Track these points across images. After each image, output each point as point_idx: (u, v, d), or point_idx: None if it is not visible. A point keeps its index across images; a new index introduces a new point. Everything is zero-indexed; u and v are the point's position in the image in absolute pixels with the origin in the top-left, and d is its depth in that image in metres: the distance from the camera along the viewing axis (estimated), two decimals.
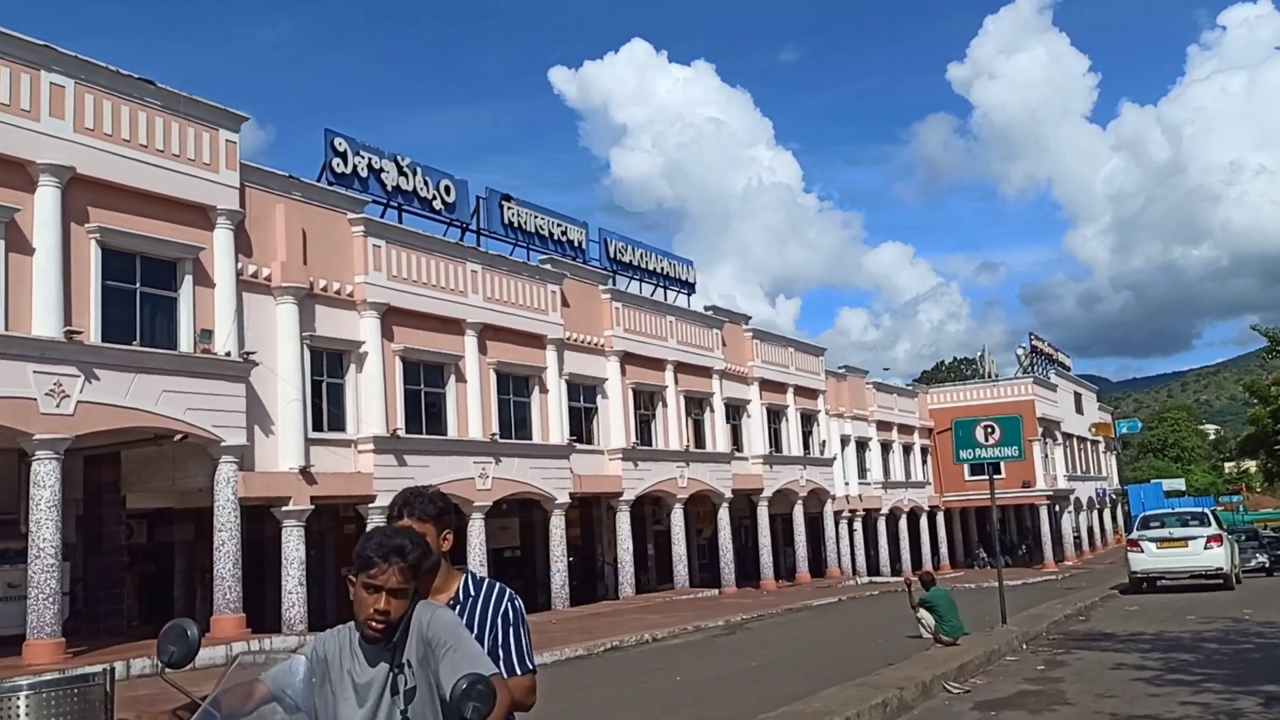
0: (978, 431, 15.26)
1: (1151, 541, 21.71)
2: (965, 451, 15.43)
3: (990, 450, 15.16)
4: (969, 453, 15.39)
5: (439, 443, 25.30)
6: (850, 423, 50.80)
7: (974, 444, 15.19)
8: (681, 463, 35.43)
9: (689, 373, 37.11)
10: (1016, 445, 15.18)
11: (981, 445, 15.19)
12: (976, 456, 15.31)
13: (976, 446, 15.24)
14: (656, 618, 23.88)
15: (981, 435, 15.18)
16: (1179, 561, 21.12)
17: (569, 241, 32.80)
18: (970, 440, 15.25)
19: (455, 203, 28.15)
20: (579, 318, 31.65)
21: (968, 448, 15.34)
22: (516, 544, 33.30)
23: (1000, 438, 15.09)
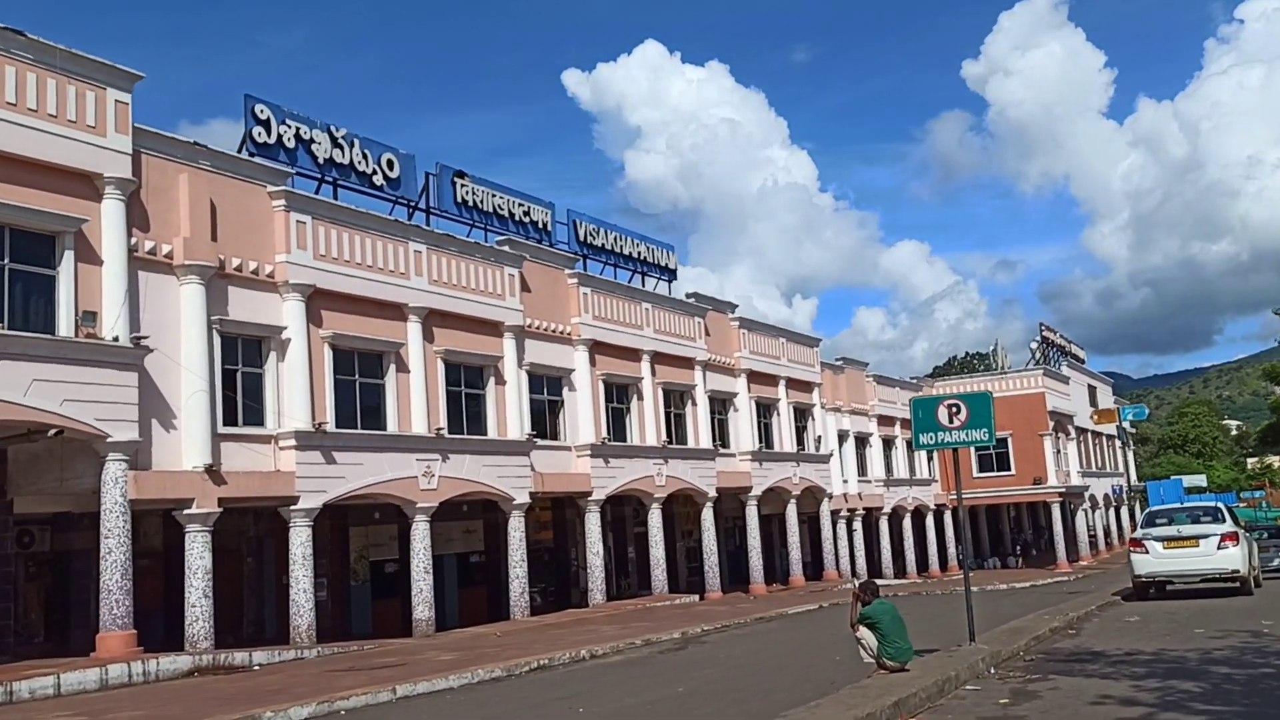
0: (940, 412, 12.93)
1: (1157, 541, 19.29)
2: (926, 435, 13.11)
3: (955, 434, 12.85)
4: (930, 437, 13.07)
5: (375, 438, 23.14)
6: (849, 417, 48.42)
7: (935, 426, 12.87)
8: (659, 460, 33.17)
9: (668, 363, 34.85)
10: (986, 427, 12.84)
11: (945, 428, 12.87)
12: (939, 442, 12.99)
13: (939, 429, 12.92)
14: (612, 629, 21.65)
15: (945, 416, 12.86)
16: (1188, 564, 18.68)
17: (533, 223, 30.57)
18: (931, 422, 12.93)
19: (400, 179, 25.96)
20: (542, 304, 29.43)
21: (928, 430, 13.02)
22: (481, 548, 31.07)
23: (967, 418, 12.76)
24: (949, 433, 12.90)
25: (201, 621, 19.02)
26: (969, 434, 12.86)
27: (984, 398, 13.09)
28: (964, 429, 12.84)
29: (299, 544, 21.10)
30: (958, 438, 12.94)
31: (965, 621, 13.79)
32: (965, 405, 12.85)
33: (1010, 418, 57.36)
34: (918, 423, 13.17)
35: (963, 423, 12.82)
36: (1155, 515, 21.54)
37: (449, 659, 17.36)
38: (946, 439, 12.95)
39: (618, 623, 23.52)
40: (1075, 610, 17.19)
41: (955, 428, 12.84)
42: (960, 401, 12.94)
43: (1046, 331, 65.13)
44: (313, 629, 21.00)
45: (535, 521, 34.09)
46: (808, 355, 44.79)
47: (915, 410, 13.30)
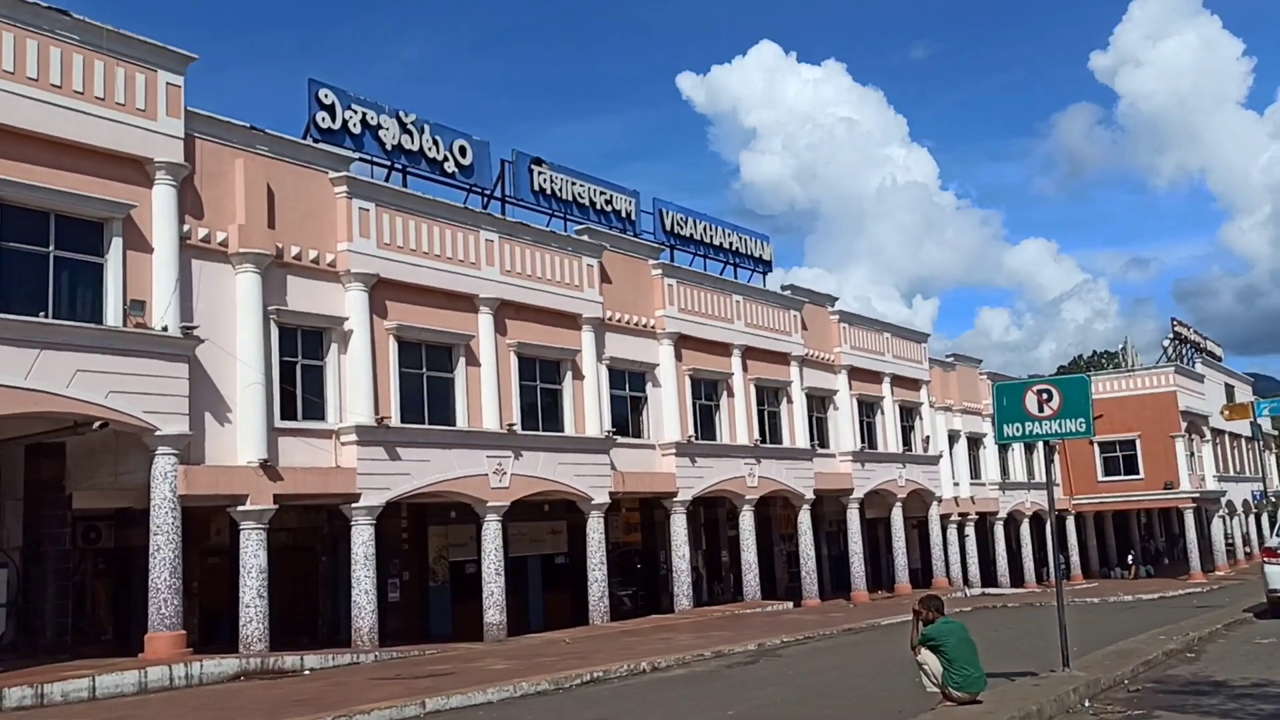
0: (1027, 399, 11.17)
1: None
2: (1010, 426, 11.35)
3: (1045, 424, 11.05)
4: (1015, 428, 11.29)
5: (442, 434, 22.24)
6: (960, 416, 45.98)
7: (1022, 416, 11.10)
8: (751, 459, 31.61)
9: (761, 359, 33.26)
10: (1083, 416, 11.00)
11: (1033, 417, 11.10)
12: (1027, 433, 11.24)
13: (1026, 419, 11.14)
14: (688, 638, 20.29)
15: (1033, 404, 11.11)
16: None
17: (615, 211, 29.40)
18: (1017, 411, 11.16)
19: (473, 165, 25.08)
20: (624, 296, 28.21)
21: (1014, 421, 11.24)
22: (565, 550, 30.00)
23: (1060, 406, 10.95)
24: (1038, 423, 11.17)
25: (256, 623, 18.34)
26: (1062, 424, 11.10)
27: (1080, 382, 11.26)
28: (1056, 418, 11.09)
29: (360, 543, 20.31)
30: (1048, 429, 11.20)
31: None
32: (1058, 391, 11.09)
33: (1139, 418, 53.97)
34: (1001, 411, 11.48)
35: (1054, 411, 11.07)
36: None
37: (502, 668, 16.27)
38: (1035, 430, 11.23)
39: (697, 631, 22.14)
40: (1198, 629, 15.09)
41: (1046, 417, 11.10)
42: (1052, 387, 11.18)
43: (1179, 327, 61.14)
44: (374, 631, 20.17)
45: (624, 523, 32.97)
46: (914, 351, 42.59)
47: (998, 397, 11.59)
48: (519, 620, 28.22)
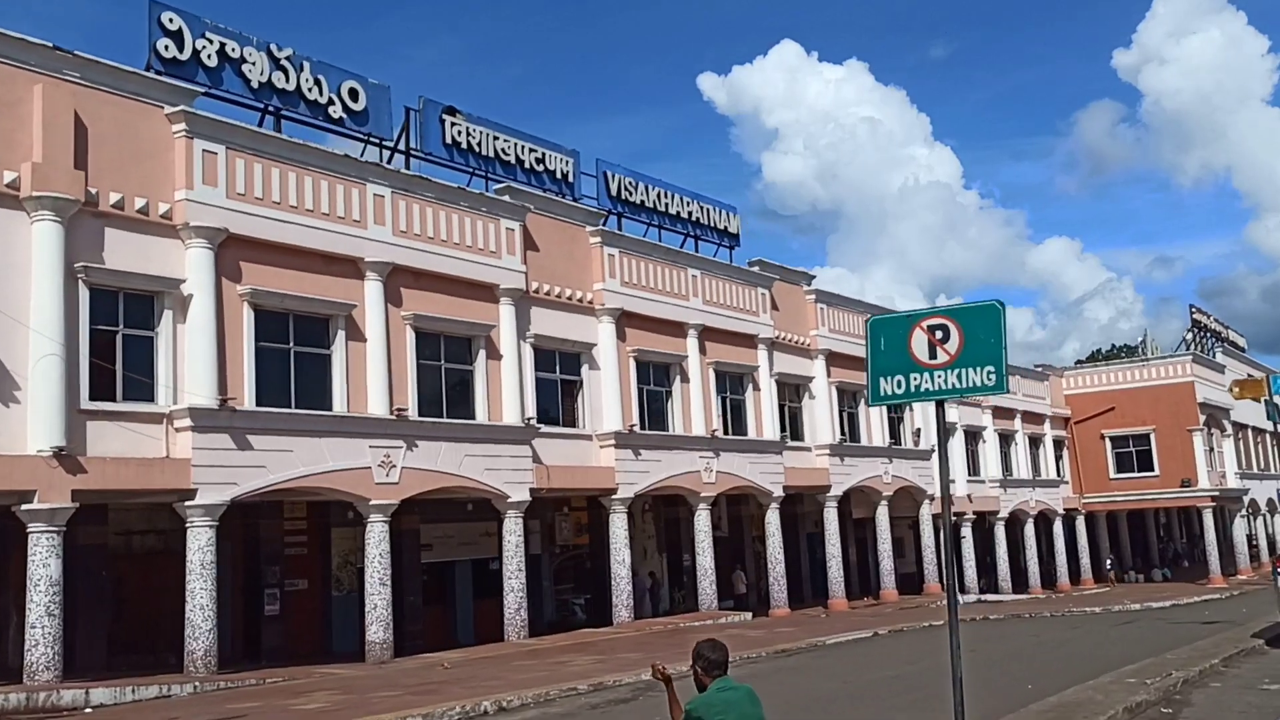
0: (914, 340, 7.56)
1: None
2: (888, 382, 7.60)
3: (940, 376, 7.53)
4: (896, 384, 7.59)
5: (309, 419, 18.86)
6: (957, 409, 42.27)
7: (906, 364, 7.48)
8: (708, 453, 28.16)
9: (722, 340, 29.77)
10: (993, 364, 7.35)
11: (923, 366, 7.51)
12: (912, 390, 7.65)
13: (912, 370, 7.50)
14: (586, 663, 16.90)
15: (922, 347, 7.50)
16: None
17: (548, 172, 25.95)
18: (899, 358, 7.48)
19: (367, 112, 21.69)
20: (555, 266, 24.81)
21: (893, 372, 7.69)
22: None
23: (960, 349, 7.51)
24: (929, 375, 7.55)
25: (43, 648, 14.99)
26: (963, 376, 7.47)
27: (989, 312, 7.50)
28: (954, 367, 7.53)
29: (197, 549, 16.96)
30: (943, 383, 7.64)
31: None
32: (956, 326, 7.46)
33: (1154, 411, 50.17)
34: (876, 359, 7.89)
35: (952, 356, 7.48)
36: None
37: (310, 709, 12.90)
38: (925, 385, 7.59)
39: (609, 652, 18.73)
40: (1187, 665, 11.44)
41: (940, 364, 7.52)
42: (948, 320, 7.54)
43: (1198, 315, 57.15)
44: (211, 655, 16.80)
45: (573, 523, 29.66)
46: None
47: (872, 338, 7.98)
48: (444, 632, 25.03)
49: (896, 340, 7.78)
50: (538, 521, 28.43)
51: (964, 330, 7.47)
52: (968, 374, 7.48)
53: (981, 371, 7.40)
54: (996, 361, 7.36)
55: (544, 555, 28.65)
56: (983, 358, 7.40)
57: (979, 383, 7.43)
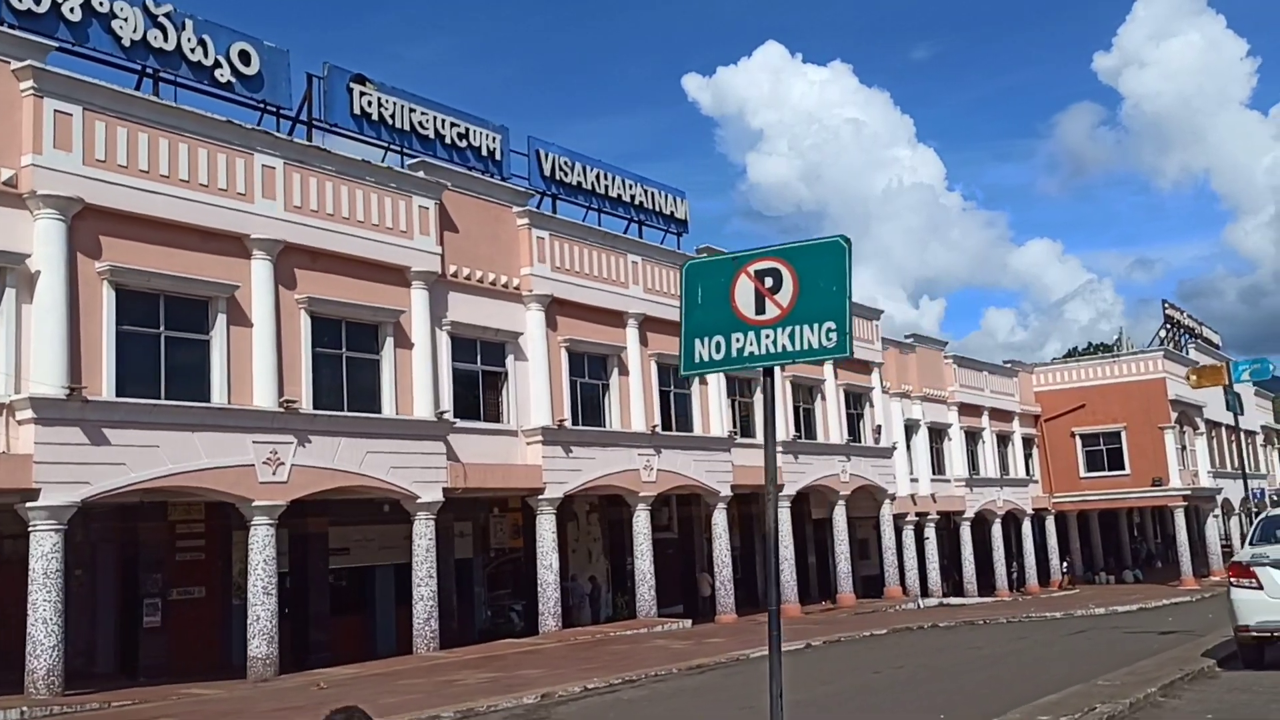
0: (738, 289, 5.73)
1: None
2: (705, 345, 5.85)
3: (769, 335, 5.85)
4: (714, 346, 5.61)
5: (179, 411, 17.00)
6: (921, 404, 40.78)
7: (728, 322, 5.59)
8: (648, 450, 26.46)
9: (666, 331, 27.97)
10: (834, 319, 5.53)
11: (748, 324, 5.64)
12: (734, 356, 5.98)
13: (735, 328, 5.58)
14: (476, 680, 15.14)
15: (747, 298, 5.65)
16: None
17: (473, 148, 24.20)
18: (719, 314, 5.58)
19: (261, 77, 19.85)
20: (477, 248, 23.05)
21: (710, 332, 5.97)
22: None
23: (795, 299, 5.69)
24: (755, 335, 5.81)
25: None
26: (796, 337, 5.78)
27: (830, 251, 5.77)
28: (785, 323, 5.78)
29: (41, 555, 15.10)
30: (771, 345, 5.94)
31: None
32: (790, 270, 5.69)
33: (1125, 408, 48.76)
34: (691, 316, 6.01)
35: (785, 310, 5.73)
36: (1277, 523, 12.54)
37: None
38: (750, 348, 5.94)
39: (513, 667, 16.97)
40: (1122, 694, 9.72)
41: (769, 320, 5.75)
42: (780, 263, 5.77)
43: (1172, 311, 55.77)
44: (56, 674, 14.96)
45: (509, 525, 27.95)
46: (865, 329, 37.33)
47: (688, 287, 6.04)
48: (360, 643, 23.30)
49: (717, 291, 6.06)
50: (470, 523, 26.74)
51: (799, 276, 5.75)
52: (802, 333, 5.75)
53: (819, 330, 5.68)
54: (838, 316, 5.64)
55: (476, 559, 26.96)
56: (822, 311, 5.69)
57: (816, 344, 5.72)
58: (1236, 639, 11.48)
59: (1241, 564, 11.40)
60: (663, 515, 32.90)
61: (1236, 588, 11.35)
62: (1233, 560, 11.72)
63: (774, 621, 5.47)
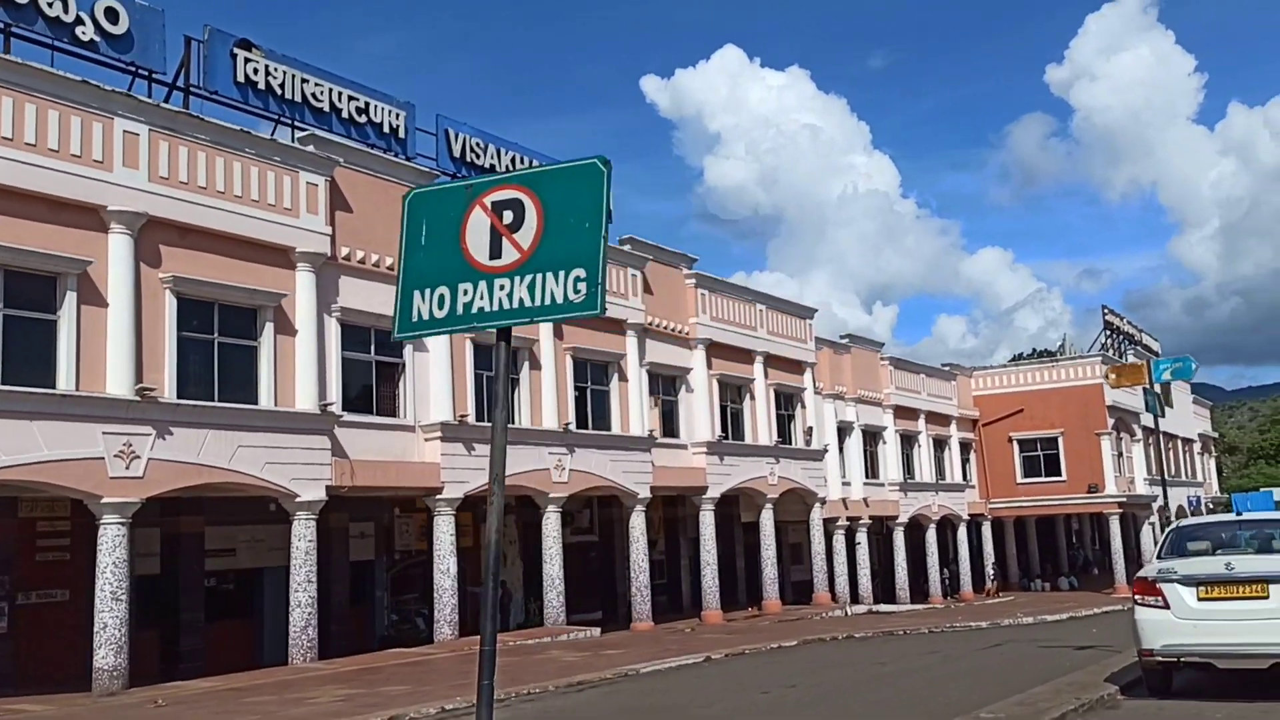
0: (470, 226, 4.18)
1: (1189, 585, 9.96)
2: (425, 297, 4.54)
3: (501, 290, 4.38)
4: (432, 301, 4.33)
5: (9, 397, 15.46)
6: (855, 406, 39.82)
7: (455, 269, 4.43)
8: (560, 449, 25.16)
9: (581, 324, 26.71)
10: (584, 268, 4.14)
11: (478, 271, 4.31)
12: (458, 314, 4.51)
13: (462, 278, 4.16)
14: (332, 699, 13.72)
15: (480, 240, 4.35)
16: (1251, 632, 9.52)
17: (374, 125, 22.77)
18: (445, 256, 4.33)
19: (131, 37, 18.30)
20: (375, 231, 21.59)
21: (432, 283, 4.53)
22: None
23: (537, 241, 4.22)
24: (487, 285, 4.48)
25: None
26: (536, 288, 4.38)
27: (585, 175, 4.44)
28: (524, 271, 4.42)
29: None
30: (506, 300, 4.52)
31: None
32: (536, 202, 4.41)
33: (1063, 413, 48.21)
34: (410, 261, 4.65)
35: (525, 253, 4.42)
36: (1189, 534, 11.21)
37: None
38: (481, 303, 4.54)
39: (380, 683, 15.56)
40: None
41: (506, 267, 4.51)
42: (525, 193, 4.46)
43: (1111, 317, 55.40)
44: None
45: (417, 526, 26.55)
46: (798, 328, 36.30)
47: (410, 223, 4.66)
48: (247, 650, 21.83)
49: (445, 228, 4.67)
50: (372, 524, 25.33)
51: (545, 209, 4.43)
52: (545, 284, 4.37)
53: (565, 280, 4.32)
54: (590, 260, 4.30)
55: (378, 562, 25.55)
56: (570, 254, 4.34)
57: (560, 297, 4.35)
58: (1141, 664, 10.37)
59: (1146, 580, 10.30)
60: (584, 517, 31.65)
61: (1141, 607, 10.25)
62: (1137, 576, 10.62)
63: (486, 667, 4.05)
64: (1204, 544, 10.54)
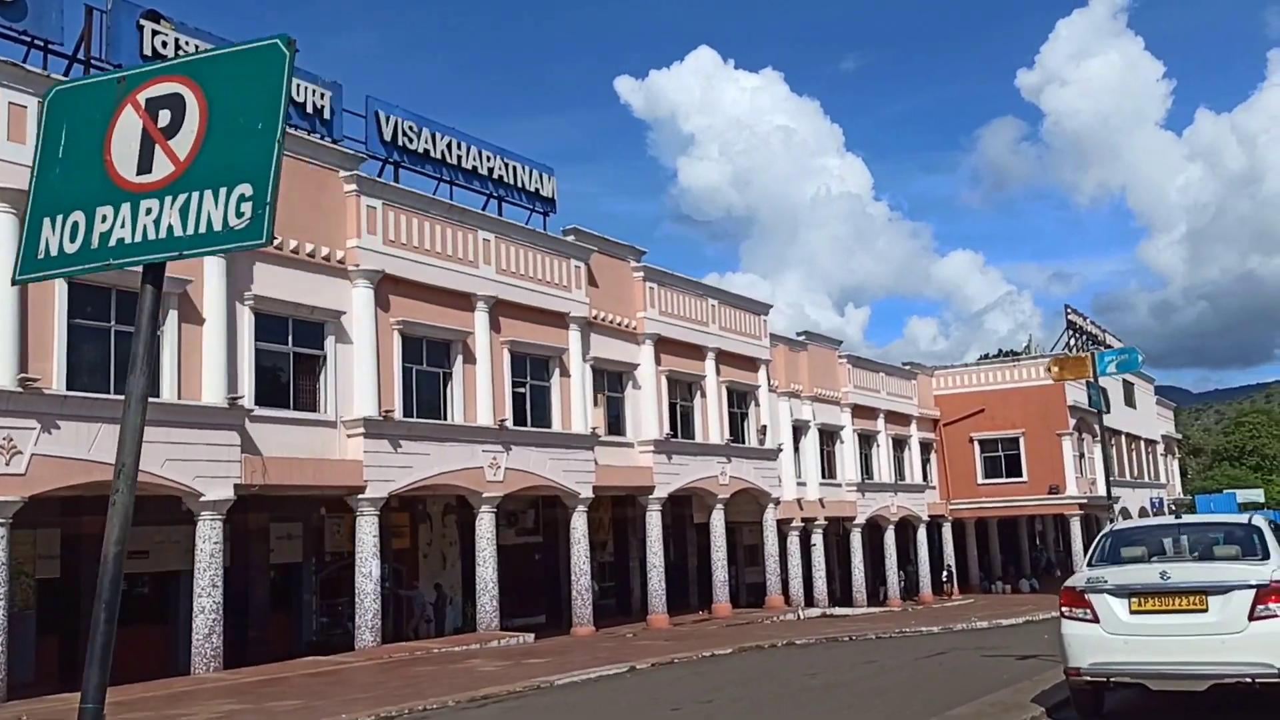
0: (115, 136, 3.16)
1: (1120, 596, 8.95)
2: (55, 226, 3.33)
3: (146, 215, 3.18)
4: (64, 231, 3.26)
5: None
6: (811, 405, 38.99)
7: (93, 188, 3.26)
8: (495, 446, 24.12)
9: (520, 316, 25.74)
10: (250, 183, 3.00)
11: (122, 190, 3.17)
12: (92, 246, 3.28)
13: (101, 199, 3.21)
14: (206, 714, 12.63)
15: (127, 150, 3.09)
16: (1185, 649, 8.52)
17: (296, 105, 21.64)
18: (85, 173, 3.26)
19: (23, 5, 17.12)
20: (295, 217, 20.46)
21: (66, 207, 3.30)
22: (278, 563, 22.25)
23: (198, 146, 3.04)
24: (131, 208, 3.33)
25: None
26: (190, 212, 3.20)
27: (264, 58, 3.22)
28: (175, 190, 3.26)
29: None
30: (152, 228, 3.33)
31: None
32: (200, 97, 3.24)
33: (1024, 414, 47.64)
34: (45, 175, 3.56)
35: (181, 166, 3.23)
36: (1124, 539, 10.04)
37: None
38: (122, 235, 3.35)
39: (272, 698, 14.48)
40: None
41: (154, 185, 3.37)
42: (186, 84, 3.29)
43: (1074, 316, 54.81)
44: None
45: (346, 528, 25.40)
46: (752, 324, 35.42)
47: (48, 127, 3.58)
48: (160, 656, 20.71)
49: (89, 135, 3.56)
50: (299, 524, 24.24)
51: (210, 106, 3.35)
52: (201, 206, 3.20)
53: (228, 200, 3.15)
54: (258, 174, 3.26)
55: (306, 565, 24.45)
56: (235, 166, 3.33)
57: (219, 223, 3.16)
58: (1068, 683, 9.38)
59: (1074, 590, 9.32)
60: (528, 518, 30.64)
61: (1068, 620, 9.25)
62: (1065, 585, 9.60)
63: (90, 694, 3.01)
64: (1140, 550, 9.57)
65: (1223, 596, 8.48)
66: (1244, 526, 9.58)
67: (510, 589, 29.71)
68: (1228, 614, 8.41)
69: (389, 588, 24.95)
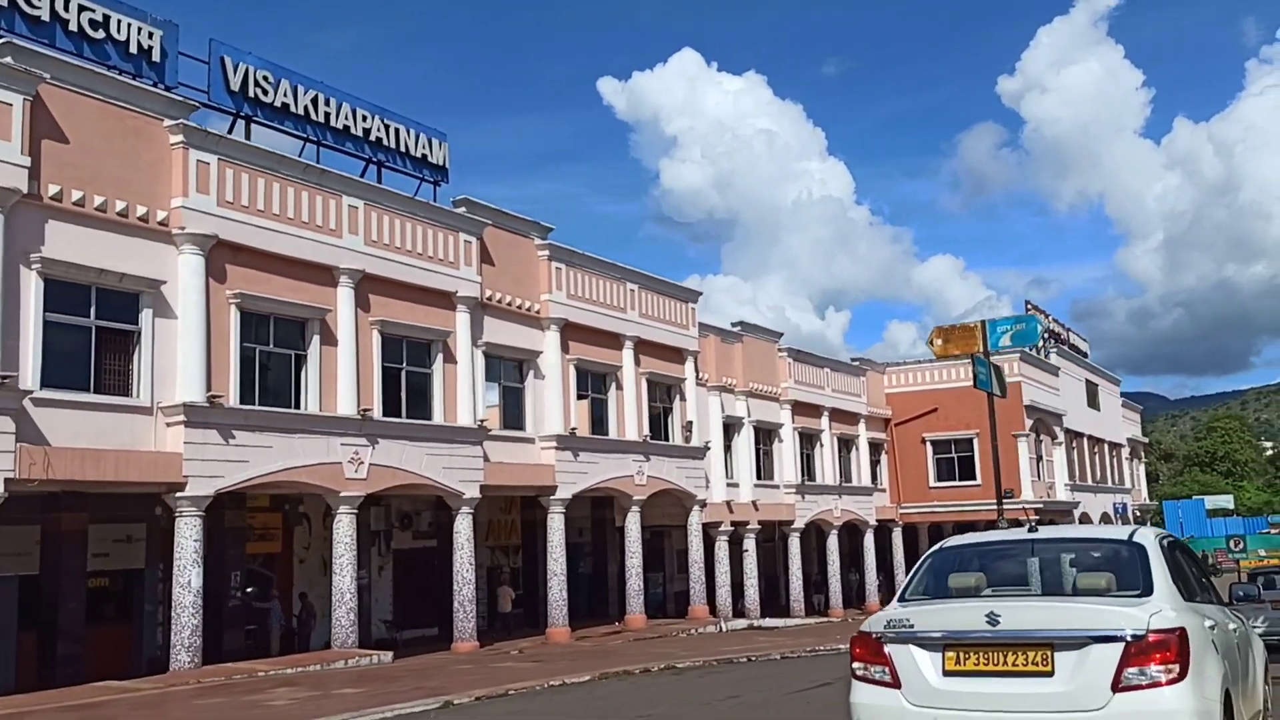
0: None
1: (931, 649, 5.99)
2: None
3: None
4: None
5: None
6: (745, 400, 36.31)
7: None
8: (357, 440, 21.32)
9: (396, 295, 22.96)
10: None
11: None
12: None
13: None
14: None
15: None
16: None
17: (118, 44, 18.80)
18: None
19: None
20: (104, 169, 17.61)
21: None
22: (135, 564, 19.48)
23: None
24: None
25: None
26: None
27: None
28: None
29: None
30: None
31: None
32: None
33: (978, 413, 45.00)
34: None
35: None
36: (953, 561, 7.07)
37: None
38: None
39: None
40: None
41: None
42: None
43: (1034, 311, 52.41)
44: None
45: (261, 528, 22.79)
46: (678, 312, 32.69)
47: None
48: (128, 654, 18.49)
49: None
50: (144, 526, 21.38)
51: None
52: None
53: None
54: None
55: (150, 571, 21.63)
56: None
57: None
58: None
59: (869, 638, 6.52)
60: (423, 520, 27.85)
61: (860, 682, 6.40)
62: (858, 631, 6.69)
63: None
64: (973, 578, 6.71)
65: (1075, 653, 5.68)
66: (1122, 545, 6.76)
67: (405, 597, 26.99)
68: (1081, 680, 5.63)
69: (242, 598, 22.16)
